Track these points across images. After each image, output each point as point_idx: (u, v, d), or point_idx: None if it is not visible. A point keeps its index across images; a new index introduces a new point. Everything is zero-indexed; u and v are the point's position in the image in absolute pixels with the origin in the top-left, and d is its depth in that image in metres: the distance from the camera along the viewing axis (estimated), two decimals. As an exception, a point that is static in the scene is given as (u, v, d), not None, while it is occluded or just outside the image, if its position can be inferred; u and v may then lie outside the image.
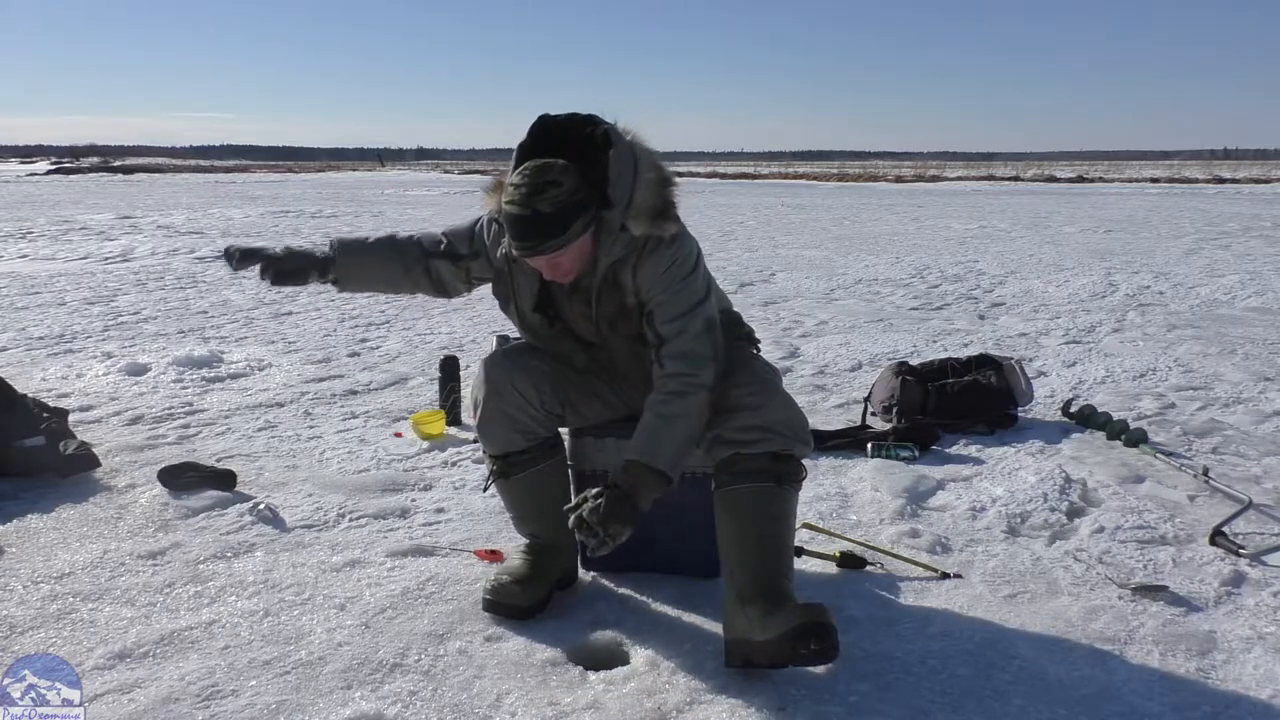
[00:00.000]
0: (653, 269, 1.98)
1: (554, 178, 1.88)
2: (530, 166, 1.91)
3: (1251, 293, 7.35)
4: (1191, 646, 2.02)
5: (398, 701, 1.82)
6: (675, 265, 1.99)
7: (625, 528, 1.88)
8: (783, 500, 1.99)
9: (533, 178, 1.88)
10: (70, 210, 17.30)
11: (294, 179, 41.32)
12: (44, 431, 3.11)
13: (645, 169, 1.96)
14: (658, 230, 1.96)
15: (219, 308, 6.65)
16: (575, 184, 1.89)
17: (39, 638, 2.05)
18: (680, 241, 2.01)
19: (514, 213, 1.89)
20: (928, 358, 4.43)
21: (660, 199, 1.97)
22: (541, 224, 1.87)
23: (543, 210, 1.86)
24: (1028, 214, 17.84)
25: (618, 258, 1.98)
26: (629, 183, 1.93)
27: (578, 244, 1.93)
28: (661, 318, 1.99)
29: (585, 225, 1.91)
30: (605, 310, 2.06)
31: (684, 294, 2.00)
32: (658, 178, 1.98)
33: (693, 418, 1.98)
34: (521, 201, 1.88)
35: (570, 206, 1.88)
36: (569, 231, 1.89)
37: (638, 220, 1.94)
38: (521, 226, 1.89)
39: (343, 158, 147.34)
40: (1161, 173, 50.12)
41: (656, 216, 1.96)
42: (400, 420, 3.76)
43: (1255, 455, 3.31)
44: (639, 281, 2.00)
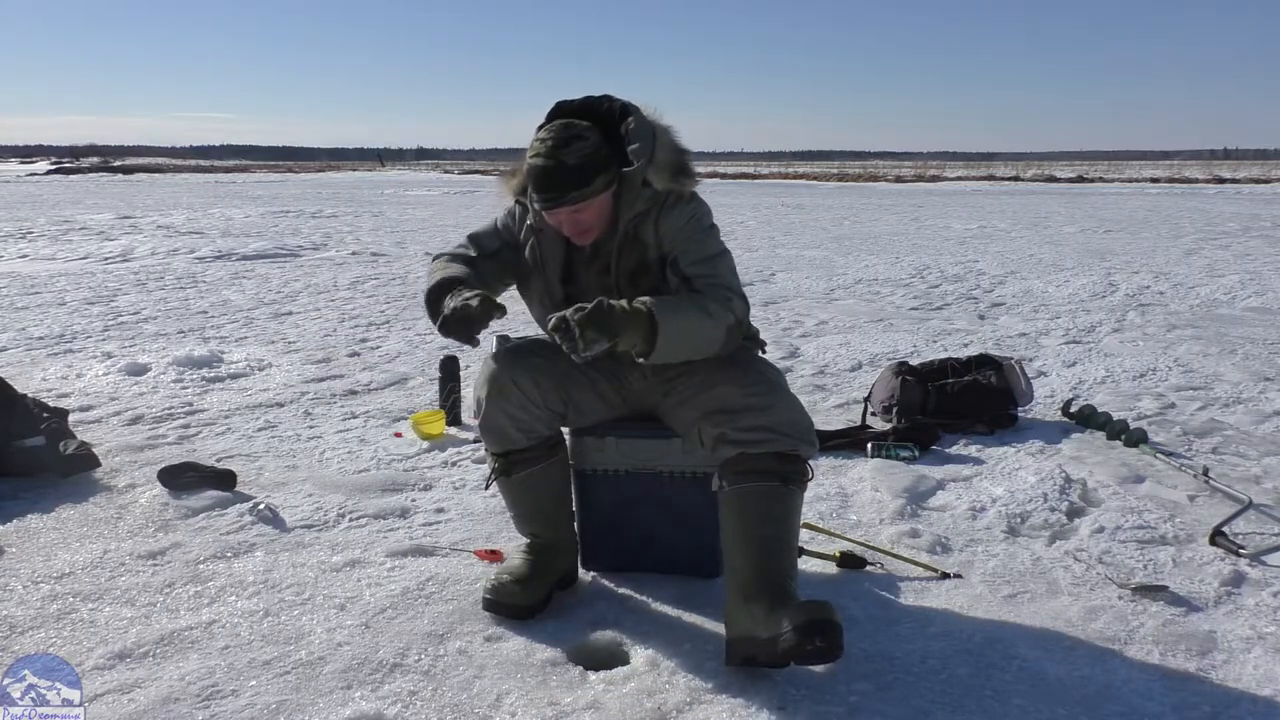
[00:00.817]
0: (674, 221, 2.05)
1: (578, 133, 1.97)
2: (555, 124, 2.00)
3: (1251, 293, 7.35)
4: (1191, 646, 2.02)
5: (398, 701, 1.82)
6: (697, 218, 2.08)
7: (601, 338, 1.79)
8: (788, 500, 1.99)
9: (558, 133, 1.97)
10: (70, 210, 17.30)
11: (294, 179, 41.34)
12: (44, 431, 3.11)
13: (662, 134, 2.06)
14: (678, 186, 2.06)
15: (219, 308, 6.65)
16: (598, 141, 1.99)
17: (39, 638, 2.05)
18: (699, 201, 2.11)
19: (540, 164, 1.95)
20: (928, 358, 4.43)
21: (679, 158, 2.07)
22: (567, 174, 1.94)
23: (568, 162, 1.94)
24: (1028, 214, 17.84)
25: (640, 211, 2.04)
26: (650, 142, 2.03)
27: (600, 200, 1.99)
28: (687, 260, 2.03)
29: (607, 183, 1.99)
30: (625, 266, 2.08)
31: (707, 243, 2.07)
32: (674, 143, 2.08)
33: (714, 325, 1.94)
34: (547, 154, 1.95)
35: (594, 160, 1.96)
36: (593, 185, 1.96)
37: (660, 175, 2.03)
38: (547, 177, 1.95)
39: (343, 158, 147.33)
40: (1161, 173, 50.13)
41: (678, 172, 2.06)
42: (400, 420, 3.76)
43: (1255, 455, 3.31)
44: (661, 234, 2.05)
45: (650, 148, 2.03)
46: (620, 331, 1.82)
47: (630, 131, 2.03)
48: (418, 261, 9.58)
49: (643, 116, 2.06)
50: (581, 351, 1.80)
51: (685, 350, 1.94)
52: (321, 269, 9.00)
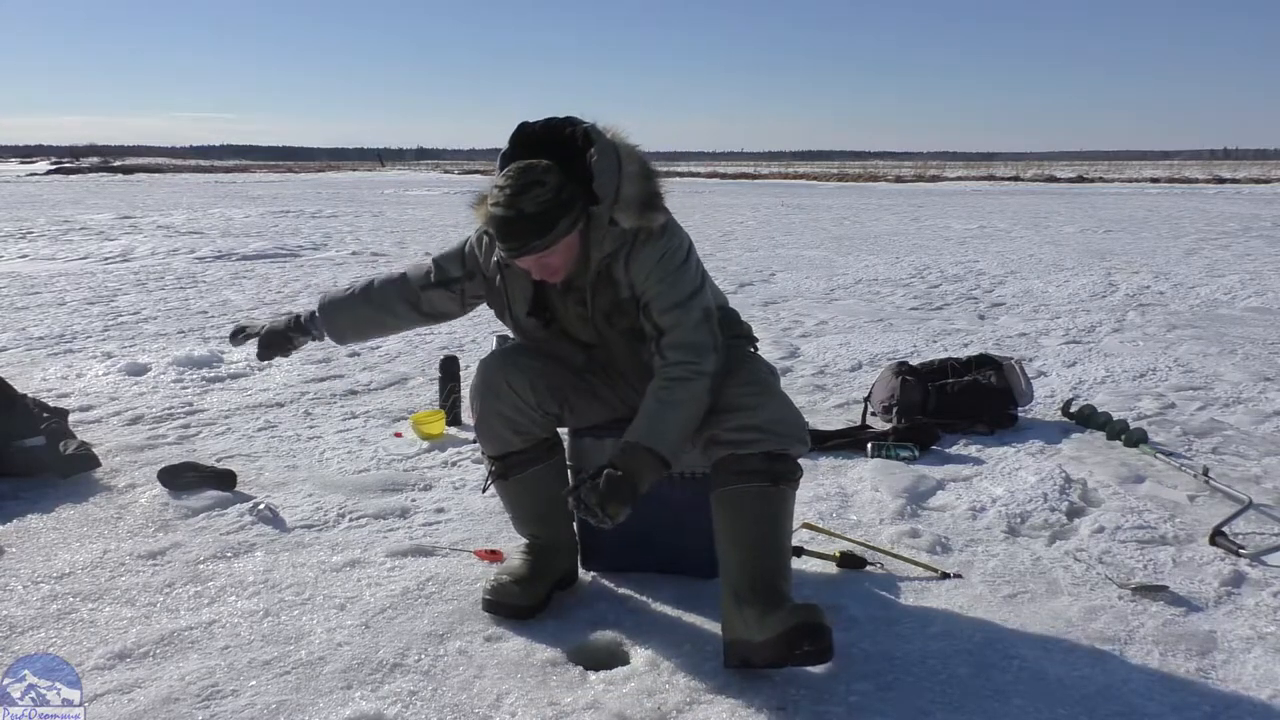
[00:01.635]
0: (645, 261, 1.99)
1: (537, 178, 1.89)
2: (514, 168, 1.92)
3: (1251, 293, 7.35)
4: (1191, 646, 2.02)
5: (398, 701, 1.82)
6: (667, 256, 2.00)
7: (624, 508, 1.87)
8: (779, 500, 1.99)
9: (516, 179, 1.90)
10: (70, 210, 17.30)
11: (294, 179, 41.33)
12: (44, 431, 3.11)
13: (628, 163, 1.97)
14: (646, 222, 1.98)
15: (219, 308, 6.65)
16: (559, 182, 1.90)
17: (39, 638, 2.05)
18: (670, 232, 2.03)
19: (499, 214, 1.90)
20: (928, 358, 4.43)
21: (646, 190, 1.98)
22: (527, 224, 1.88)
23: (527, 210, 1.87)
24: (1028, 214, 17.84)
25: (609, 252, 1.99)
26: (614, 177, 1.94)
27: (564, 243, 1.93)
28: (658, 308, 2.00)
29: (572, 224, 1.92)
30: (600, 305, 2.06)
31: (679, 284, 2.00)
32: (640, 170, 1.99)
33: (694, 403, 1.97)
34: (506, 203, 1.89)
35: (555, 205, 1.89)
36: (555, 230, 1.90)
37: (626, 213, 1.95)
38: (507, 228, 1.90)
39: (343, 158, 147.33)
40: (1161, 173, 50.12)
41: (644, 208, 1.97)
42: (400, 420, 3.76)
43: (1255, 455, 3.31)
44: (632, 274, 2.00)
45: (615, 183, 1.94)
46: (639, 487, 1.89)
47: (594, 165, 1.93)
48: (415, 261, 9.56)
49: (606, 143, 1.96)
50: (610, 526, 1.89)
51: (688, 438, 2.00)
52: (322, 269, 9.00)
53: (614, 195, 1.94)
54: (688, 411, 1.96)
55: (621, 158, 1.97)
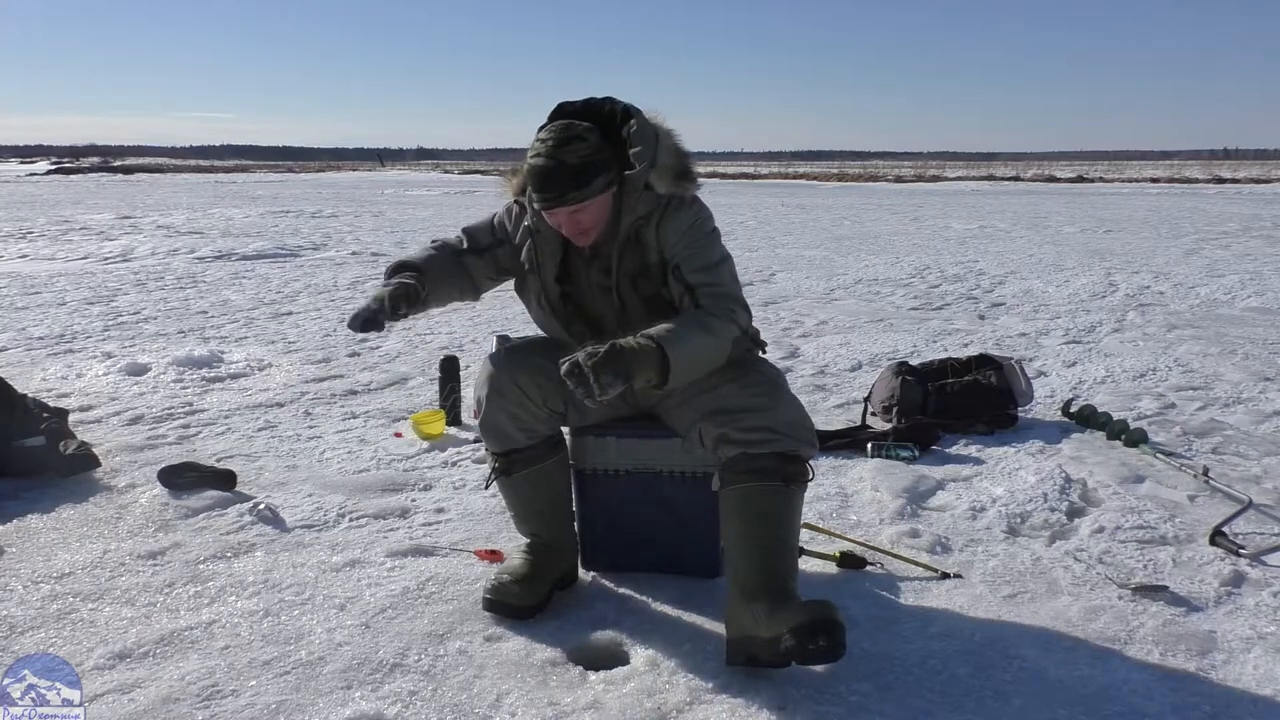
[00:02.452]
0: (676, 225, 2.04)
1: (579, 133, 1.97)
2: (556, 124, 1.99)
3: (1251, 293, 7.35)
4: (1191, 646, 2.02)
5: (398, 701, 1.82)
6: (699, 223, 2.07)
7: (616, 381, 1.81)
8: (789, 500, 1.99)
9: (559, 133, 1.96)
10: (70, 210, 17.30)
11: (294, 179, 41.35)
12: (44, 431, 3.11)
13: (664, 137, 2.05)
14: (680, 189, 2.06)
15: (219, 308, 6.65)
16: (599, 143, 1.98)
17: (39, 638, 2.05)
18: (701, 205, 2.10)
19: (539, 164, 1.95)
20: (928, 358, 4.43)
21: (681, 163, 2.06)
22: (567, 174, 1.93)
23: (568, 161, 1.93)
24: (1028, 214, 17.84)
25: (641, 214, 2.04)
26: (652, 146, 2.02)
27: (599, 200, 1.99)
28: (690, 267, 2.03)
29: (607, 184, 1.99)
30: (627, 269, 2.08)
31: (710, 248, 2.06)
32: (676, 147, 2.07)
33: (719, 340, 1.96)
34: (547, 153, 1.94)
35: (594, 162, 1.95)
36: (592, 185, 1.95)
37: (662, 179, 2.03)
38: (547, 177, 1.94)
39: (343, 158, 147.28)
40: (1161, 173, 50.13)
41: (679, 177, 2.05)
42: (400, 420, 3.76)
43: (1255, 455, 3.31)
44: (662, 238, 2.04)
45: (653, 151, 2.02)
46: (634, 370, 1.84)
47: (632, 134, 2.02)
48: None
49: (645, 119, 2.04)
50: (597, 396, 1.81)
51: (696, 371, 1.97)
52: (321, 269, 9.00)
53: (651, 161, 2.01)
54: (711, 344, 1.95)
55: (659, 133, 2.05)
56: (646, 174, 2.01)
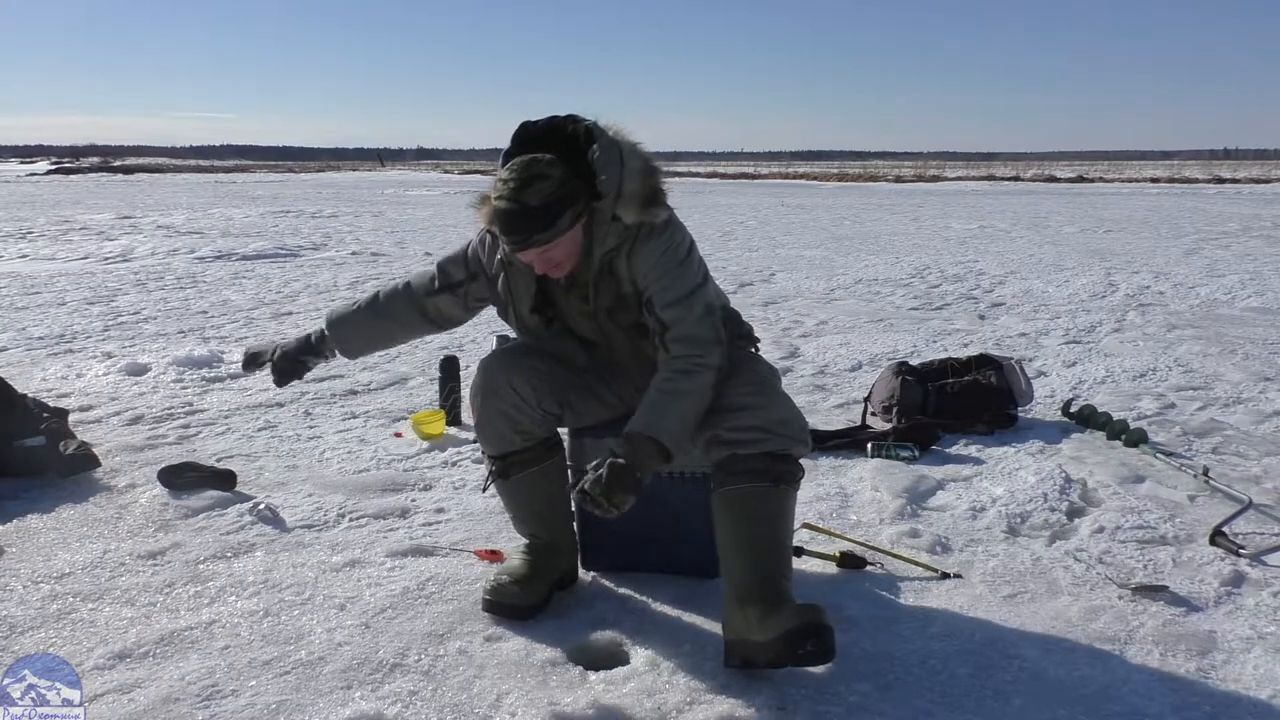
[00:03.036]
0: (647, 255, 1.99)
1: (541, 171, 1.90)
2: (517, 162, 1.93)
3: (1251, 293, 7.35)
4: (1191, 646, 2.02)
5: (398, 701, 1.82)
6: (670, 251, 2.00)
7: (629, 496, 1.86)
8: (781, 500, 1.99)
9: (520, 173, 1.90)
10: (70, 210, 17.30)
11: (294, 179, 41.35)
12: (44, 431, 3.11)
13: (630, 159, 1.98)
14: (649, 217, 1.99)
15: (219, 308, 6.65)
16: (563, 176, 1.91)
17: (39, 638, 2.05)
18: (672, 228, 2.03)
19: (503, 207, 1.91)
20: (928, 358, 4.43)
21: (648, 186, 1.99)
22: (530, 217, 1.88)
23: (531, 203, 1.88)
24: (1028, 214, 17.84)
25: (611, 247, 2.00)
26: (616, 173, 1.95)
27: (568, 236, 1.94)
28: (661, 303, 1.99)
29: (574, 217, 1.93)
30: (603, 301, 2.06)
31: (682, 279, 2.01)
32: (643, 166, 2.00)
33: (697, 395, 1.96)
34: (510, 196, 1.89)
35: (558, 199, 1.89)
36: (558, 224, 1.90)
37: (628, 208, 1.96)
38: (511, 221, 1.90)
39: (343, 158, 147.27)
40: (1161, 173, 50.13)
41: (646, 203, 1.98)
42: (400, 420, 3.76)
43: (1255, 455, 3.31)
44: (634, 269, 2.00)
45: (618, 178, 1.95)
46: (641, 475, 1.88)
47: (596, 161, 1.94)
48: (418, 262, 9.57)
49: (608, 140, 1.97)
50: (615, 515, 1.87)
51: (691, 429, 1.98)
52: (322, 269, 9.00)
53: (616, 190, 1.95)
54: (690, 403, 1.96)
55: (624, 154, 1.98)
56: (612, 206, 1.96)
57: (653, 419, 1.92)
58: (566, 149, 1.97)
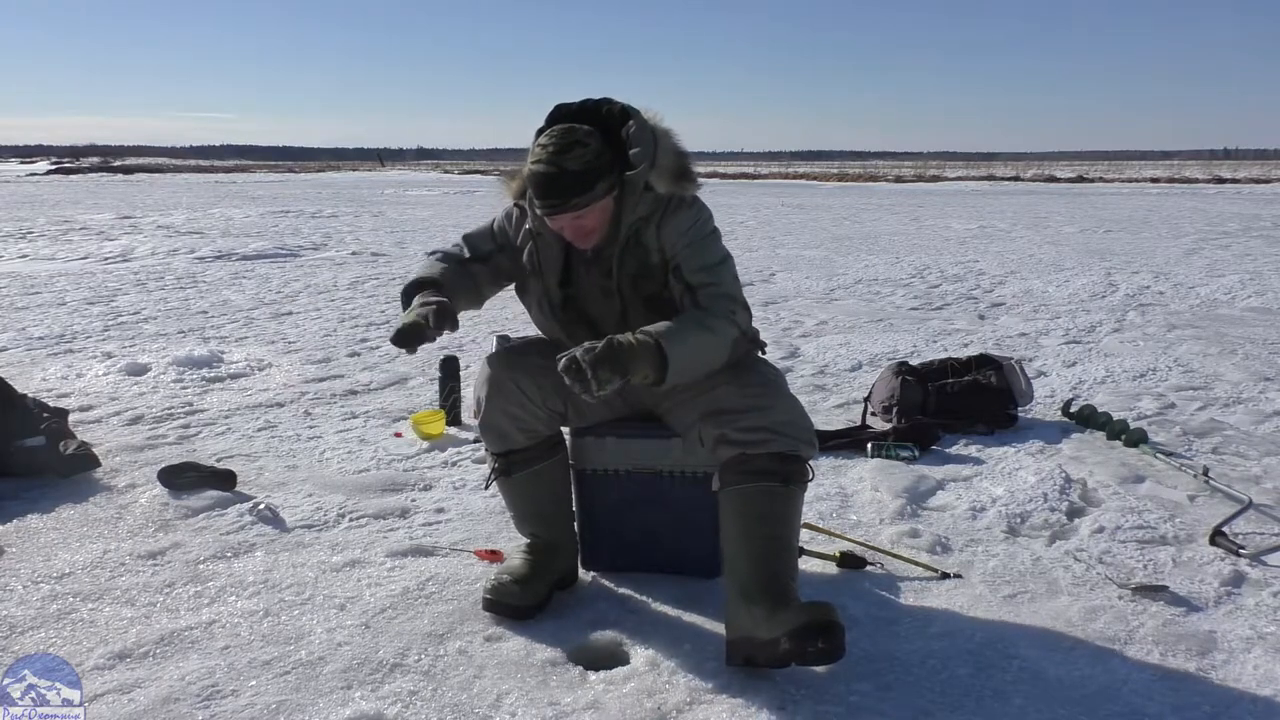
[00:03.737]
0: (677, 225, 2.04)
1: (580, 138, 1.96)
2: (556, 129, 1.98)
3: (1251, 293, 7.35)
4: (1191, 646, 2.02)
5: (398, 701, 1.82)
6: (700, 223, 2.07)
7: (614, 377, 1.81)
8: (789, 500, 1.99)
9: (560, 139, 1.95)
10: (70, 210, 17.30)
11: (294, 179, 41.35)
12: (44, 431, 3.11)
13: (663, 137, 2.06)
14: (680, 189, 2.06)
15: (219, 308, 6.65)
16: (600, 146, 1.97)
17: (39, 638, 2.05)
18: (701, 205, 2.10)
19: (541, 170, 1.94)
20: (928, 358, 4.43)
21: (680, 163, 2.07)
22: (568, 181, 1.93)
23: (570, 168, 1.92)
24: (1028, 214, 17.84)
25: (641, 216, 2.04)
26: (651, 146, 2.02)
27: (601, 205, 1.98)
28: (691, 267, 2.03)
29: (609, 187, 1.98)
30: (628, 270, 2.08)
31: (711, 248, 2.06)
32: (675, 147, 2.07)
33: (720, 340, 1.96)
34: (549, 160, 1.93)
35: (596, 166, 1.95)
36: (594, 190, 1.95)
37: (661, 179, 2.03)
38: (548, 184, 1.94)
39: (343, 158, 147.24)
40: (1161, 173, 50.12)
41: (678, 177, 2.06)
42: (400, 420, 3.76)
43: (1255, 455, 3.31)
44: (663, 238, 2.05)
45: (652, 152, 2.02)
46: (631, 366, 1.84)
47: (631, 135, 2.02)
48: (418, 261, 9.57)
49: (643, 120, 2.04)
50: (595, 391, 1.81)
51: (695, 371, 1.96)
52: (321, 269, 9.00)
53: (651, 161, 2.01)
54: (712, 342, 1.95)
55: (657, 133, 2.05)
56: (646, 174, 2.01)
57: (670, 332, 1.90)
58: (601, 127, 2.03)
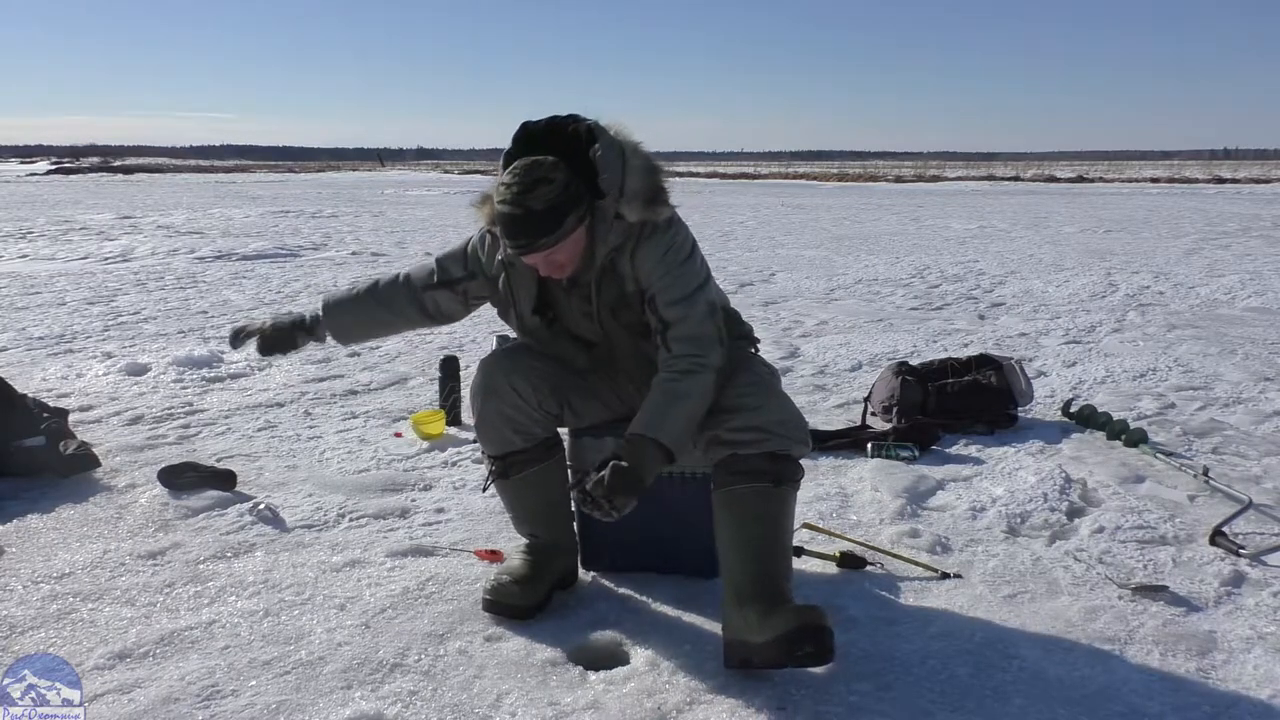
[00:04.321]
0: (650, 253, 1.99)
1: (544, 175, 1.89)
2: (520, 165, 1.92)
3: (1251, 293, 7.35)
4: (1191, 646, 2.02)
5: (398, 701, 1.82)
6: (673, 249, 2.00)
7: (630, 499, 1.87)
8: (781, 500, 1.99)
9: (523, 176, 1.89)
10: (70, 210, 17.30)
11: (294, 179, 41.34)
12: (44, 431, 3.11)
13: (632, 157, 1.98)
14: (652, 215, 1.98)
15: (219, 308, 6.65)
16: (566, 179, 1.91)
17: (39, 638, 2.05)
18: (675, 227, 2.03)
19: (506, 212, 1.90)
20: (928, 358, 4.43)
21: (650, 185, 1.99)
22: (535, 221, 1.88)
23: (535, 207, 1.87)
24: (1028, 214, 17.84)
25: (614, 245, 1.99)
26: (619, 171, 1.95)
27: (572, 239, 1.94)
28: (664, 301, 2.00)
29: (579, 219, 1.93)
30: (606, 300, 2.06)
31: (684, 277, 2.01)
32: (644, 165, 1.99)
33: (699, 396, 1.96)
34: (514, 200, 1.89)
35: (562, 202, 1.89)
36: (563, 227, 1.90)
37: (631, 206, 1.96)
38: (515, 225, 1.90)
39: (343, 158, 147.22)
40: (1161, 173, 50.11)
41: (649, 202, 1.98)
42: (400, 420, 3.76)
43: (1255, 455, 3.31)
44: (637, 267, 2.01)
45: (620, 177, 1.95)
46: (643, 477, 1.88)
47: (598, 159, 1.94)
48: (418, 261, 9.58)
49: (609, 139, 1.97)
50: (616, 518, 1.88)
51: (691, 430, 1.98)
52: (322, 269, 9.00)
53: (619, 189, 1.95)
54: (692, 404, 1.96)
55: (626, 153, 1.97)
56: (615, 204, 1.96)
57: (655, 420, 1.92)
58: (567, 149, 1.96)
